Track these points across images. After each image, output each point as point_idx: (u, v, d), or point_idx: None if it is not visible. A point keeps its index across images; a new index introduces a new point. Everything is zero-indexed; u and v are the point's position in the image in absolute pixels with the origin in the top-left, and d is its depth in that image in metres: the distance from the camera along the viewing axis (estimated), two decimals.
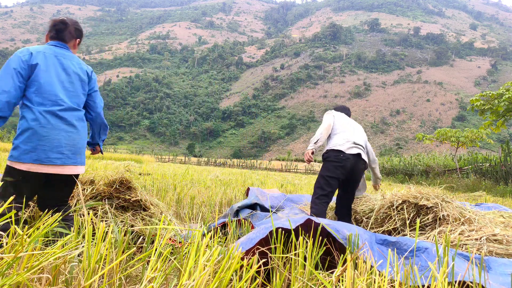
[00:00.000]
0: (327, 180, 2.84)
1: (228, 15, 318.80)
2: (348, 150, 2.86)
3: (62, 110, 1.94)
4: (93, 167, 8.47)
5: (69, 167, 1.96)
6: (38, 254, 1.13)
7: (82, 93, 2.09)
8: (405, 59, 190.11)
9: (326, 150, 2.98)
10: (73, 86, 2.03)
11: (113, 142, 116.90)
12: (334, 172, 2.83)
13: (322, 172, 2.90)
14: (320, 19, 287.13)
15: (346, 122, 3.14)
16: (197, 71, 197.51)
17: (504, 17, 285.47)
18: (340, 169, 2.83)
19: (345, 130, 3.03)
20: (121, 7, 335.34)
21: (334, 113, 3.22)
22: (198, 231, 1.32)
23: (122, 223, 2.43)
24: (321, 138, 2.96)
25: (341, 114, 3.25)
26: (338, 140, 2.94)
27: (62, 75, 2.00)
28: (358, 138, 3.02)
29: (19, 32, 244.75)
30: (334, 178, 2.84)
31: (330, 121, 3.07)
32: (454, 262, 1.42)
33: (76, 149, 1.99)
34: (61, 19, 2.11)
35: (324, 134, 2.98)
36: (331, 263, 1.80)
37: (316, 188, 2.89)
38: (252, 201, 3.65)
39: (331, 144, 2.96)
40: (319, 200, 2.82)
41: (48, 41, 2.12)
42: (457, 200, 2.94)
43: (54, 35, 2.10)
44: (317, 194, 2.85)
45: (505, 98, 11.25)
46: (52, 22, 2.13)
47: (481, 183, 11.64)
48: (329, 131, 3.02)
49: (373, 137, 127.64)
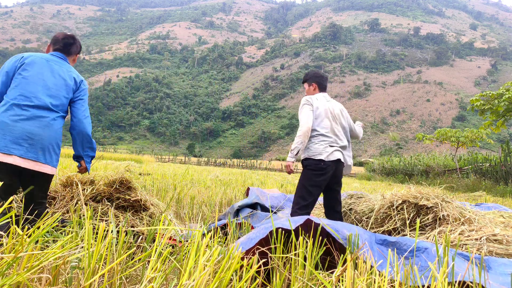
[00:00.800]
0: (309, 189, 2.72)
1: (228, 15, 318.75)
2: (329, 157, 2.74)
3: (33, 106, 2.00)
4: (93, 167, 8.47)
5: (29, 161, 1.96)
6: (38, 254, 1.13)
7: (64, 97, 2.14)
8: (405, 59, 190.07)
9: (305, 157, 2.81)
10: (56, 87, 2.10)
11: (113, 142, 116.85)
12: (315, 181, 2.72)
13: (303, 181, 2.76)
14: (320, 19, 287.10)
15: (325, 114, 2.86)
16: (197, 71, 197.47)
17: (504, 17, 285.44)
18: (321, 177, 2.73)
19: (325, 127, 2.83)
20: (121, 7, 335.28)
21: (313, 102, 2.88)
22: (198, 231, 1.32)
23: (122, 223, 2.43)
24: (301, 147, 2.77)
25: (321, 99, 2.93)
26: (317, 146, 2.77)
27: (47, 76, 2.08)
28: (339, 134, 2.90)
29: (19, 32, 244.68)
30: (316, 187, 2.73)
31: (309, 121, 2.79)
32: (454, 262, 1.41)
33: (38, 144, 1.99)
34: (71, 34, 2.30)
35: (304, 141, 2.76)
36: (331, 263, 1.79)
37: (298, 197, 2.75)
38: (252, 200, 3.65)
39: (310, 150, 2.79)
40: (301, 211, 2.70)
41: (51, 51, 2.24)
42: (457, 200, 2.94)
43: (60, 47, 2.23)
44: (298, 204, 2.72)
45: (505, 98, 11.25)
46: (61, 35, 2.27)
47: (481, 183, 11.64)
48: (309, 135, 2.79)
49: (373, 137, 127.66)
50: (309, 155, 2.79)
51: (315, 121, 2.84)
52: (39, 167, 2.00)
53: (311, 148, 2.80)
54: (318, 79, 3.06)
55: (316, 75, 3.08)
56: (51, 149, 2.07)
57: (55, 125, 2.09)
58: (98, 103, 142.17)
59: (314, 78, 3.07)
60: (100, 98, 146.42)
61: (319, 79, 3.06)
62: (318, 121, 2.84)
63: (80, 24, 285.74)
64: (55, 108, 2.09)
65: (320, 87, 3.06)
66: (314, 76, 3.08)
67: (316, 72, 3.13)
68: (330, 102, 2.98)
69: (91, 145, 2.31)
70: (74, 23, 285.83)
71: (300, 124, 2.83)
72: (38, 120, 2.00)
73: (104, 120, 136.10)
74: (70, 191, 2.66)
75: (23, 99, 1.99)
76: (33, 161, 1.97)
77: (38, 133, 1.99)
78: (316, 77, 3.07)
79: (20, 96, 1.99)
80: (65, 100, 2.15)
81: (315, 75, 3.09)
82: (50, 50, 2.26)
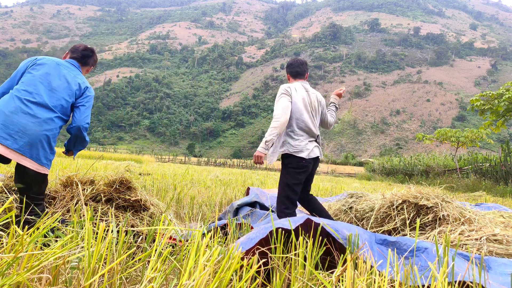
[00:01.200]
0: (293, 187, 2.69)
1: (228, 15, 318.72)
2: (310, 155, 2.73)
3: (32, 102, 2.07)
4: (93, 167, 8.47)
5: (15, 152, 1.99)
6: (38, 254, 1.13)
7: (65, 100, 2.19)
8: (405, 59, 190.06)
9: (286, 154, 2.75)
10: (59, 89, 2.17)
11: (113, 142, 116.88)
12: (298, 178, 2.71)
13: (287, 180, 2.71)
14: (320, 19, 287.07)
15: (305, 107, 2.79)
16: (197, 71, 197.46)
17: (504, 17, 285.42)
18: (303, 174, 2.73)
19: (305, 121, 2.75)
20: (121, 7, 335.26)
21: (292, 92, 2.77)
22: (198, 231, 1.32)
23: (122, 223, 2.43)
24: (275, 139, 2.66)
25: (299, 89, 2.82)
26: (298, 143, 2.72)
27: (53, 78, 2.17)
28: (316, 127, 2.85)
29: (19, 32, 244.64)
30: (299, 184, 2.72)
31: (287, 113, 2.68)
32: (454, 262, 1.42)
33: (27, 138, 2.01)
34: (91, 48, 2.48)
35: (280, 132, 2.66)
36: (331, 263, 1.80)
37: (283, 197, 2.70)
38: (252, 199, 3.65)
39: (291, 147, 2.73)
40: (288, 210, 2.67)
41: (67, 58, 2.38)
42: (457, 200, 2.94)
43: (78, 57, 2.38)
44: (285, 204, 2.68)
45: (505, 98, 11.25)
46: (82, 47, 2.43)
47: (481, 183, 11.64)
48: (285, 127, 2.70)
49: (373, 137, 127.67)
50: (290, 151, 2.73)
51: (294, 113, 2.74)
52: (21, 159, 2.02)
53: (291, 144, 2.73)
54: (289, 68, 2.99)
55: (287, 65, 3.02)
56: (40, 146, 2.07)
57: (50, 125, 2.11)
58: (98, 103, 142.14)
59: (287, 69, 3.02)
60: (100, 98, 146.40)
61: (290, 68, 2.98)
62: (298, 115, 2.75)
63: (80, 24, 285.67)
64: (54, 108, 2.13)
65: (293, 75, 2.96)
66: (287, 67, 3.03)
67: (290, 61, 3.05)
68: (308, 92, 2.87)
69: (82, 146, 2.40)
70: (74, 23, 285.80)
71: (276, 113, 2.69)
72: (34, 116, 2.05)
73: (104, 120, 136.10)
74: (70, 191, 2.66)
75: (26, 94, 2.07)
76: (17, 153, 1.99)
77: (31, 128, 2.02)
78: (288, 67, 3.00)
79: (24, 90, 2.08)
80: (65, 103, 2.18)
81: (288, 65, 3.03)
82: (67, 57, 2.38)
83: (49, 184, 2.74)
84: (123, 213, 2.61)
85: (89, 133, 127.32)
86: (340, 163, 60.72)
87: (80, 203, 2.45)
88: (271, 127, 2.65)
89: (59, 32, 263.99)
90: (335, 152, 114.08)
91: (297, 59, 3.02)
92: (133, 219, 2.57)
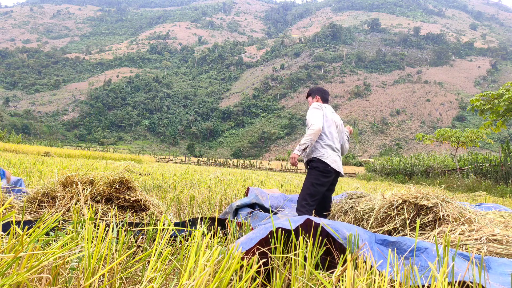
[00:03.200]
0: (316, 187, 3.00)
1: (228, 15, 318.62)
2: (333, 164, 3.03)
3: None
4: (93, 167, 8.47)
5: None
6: (38, 254, 1.13)
7: None
8: (405, 59, 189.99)
9: (313, 157, 3.06)
10: None
11: (113, 142, 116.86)
12: (322, 181, 3.01)
13: (312, 180, 3.01)
14: (320, 19, 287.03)
15: (332, 120, 3.16)
16: (197, 71, 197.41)
17: (504, 17, 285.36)
18: (326, 179, 3.04)
19: (332, 133, 3.12)
20: (121, 7, 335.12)
21: (323, 107, 3.17)
22: (198, 231, 1.32)
23: (122, 223, 2.43)
24: (310, 144, 3.00)
25: (328, 107, 3.25)
26: (324, 150, 3.05)
27: None
28: (339, 141, 3.22)
29: (19, 32, 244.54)
30: (322, 186, 3.02)
31: (321, 123, 3.04)
32: (454, 262, 1.42)
33: None
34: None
35: (314, 139, 3.00)
36: (331, 263, 1.79)
37: (306, 194, 3.00)
38: (251, 200, 3.65)
39: (318, 151, 3.05)
40: (309, 206, 2.95)
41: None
42: (457, 200, 2.94)
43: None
44: (306, 200, 2.97)
45: (505, 98, 11.25)
46: (322, 89, 3.10)
47: (481, 183, 11.64)
48: (319, 134, 3.04)
49: (373, 137, 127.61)
50: (316, 156, 3.04)
51: (324, 124, 3.09)
52: None
53: (319, 150, 3.06)
54: (321, 93, 3.37)
55: (319, 89, 3.42)
56: None
57: None
58: (98, 103, 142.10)
59: (317, 92, 3.40)
60: (100, 98, 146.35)
61: (322, 93, 3.37)
62: (326, 126, 3.10)
63: (80, 24, 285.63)
64: None
65: (322, 99, 3.36)
66: (317, 90, 3.41)
67: (319, 87, 3.46)
68: (334, 114, 3.28)
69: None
70: (74, 23, 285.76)
71: (311, 123, 3.03)
72: None
73: (104, 120, 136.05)
74: (70, 191, 2.66)
75: None
76: None
77: None
78: (319, 91, 3.41)
79: None
80: None
81: (318, 89, 3.42)
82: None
83: (49, 184, 2.74)
84: (123, 213, 2.61)
85: (89, 133, 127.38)
86: None
87: (80, 204, 2.45)
88: (308, 134, 3.00)
89: (59, 32, 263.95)
90: None
91: (325, 89, 3.48)
92: (133, 219, 2.57)
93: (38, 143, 41.31)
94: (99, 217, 2.22)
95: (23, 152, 18.92)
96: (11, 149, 19.56)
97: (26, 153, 18.47)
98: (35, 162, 8.32)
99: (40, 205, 2.56)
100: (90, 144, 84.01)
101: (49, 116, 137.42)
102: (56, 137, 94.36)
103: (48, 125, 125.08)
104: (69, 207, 2.51)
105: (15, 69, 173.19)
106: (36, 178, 4.90)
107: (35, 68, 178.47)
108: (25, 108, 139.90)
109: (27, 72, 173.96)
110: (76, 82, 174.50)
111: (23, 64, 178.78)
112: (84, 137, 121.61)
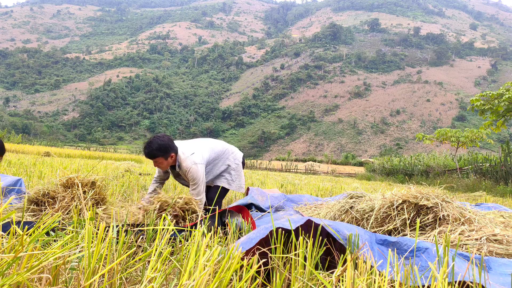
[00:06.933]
0: None
1: (228, 15, 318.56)
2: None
3: None
4: (94, 170, 8.46)
5: None
6: (38, 254, 1.13)
7: None
8: (405, 59, 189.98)
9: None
10: None
11: (113, 142, 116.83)
12: None
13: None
14: (320, 19, 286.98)
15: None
16: (197, 71, 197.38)
17: (504, 17, 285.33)
18: None
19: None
20: (121, 7, 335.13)
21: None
22: (198, 231, 1.32)
23: (122, 223, 2.43)
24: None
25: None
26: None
27: None
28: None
29: (19, 32, 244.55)
30: None
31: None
32: (454, 262, 1.41)
33: None
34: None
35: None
36: (331, 263, 1.80)
37: None
38: (248, 201, 3.63)
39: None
40: None
41: None
42: (457, 200, 2.94)
43: None
44: None
45: (505, 98, 11.26)
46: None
47: (481, 183, 11.64)
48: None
49: (373, 137, 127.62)
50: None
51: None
52: None
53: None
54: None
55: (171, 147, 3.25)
56: None
57: None
58: (98, 103, 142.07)
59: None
60: (100, 98, 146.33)
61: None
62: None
63: (80, 24, 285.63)
64: None
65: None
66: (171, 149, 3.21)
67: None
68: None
69: None
70: (74, 23, 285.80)
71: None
72: None
73: (104, 120, 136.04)
74: (71, 192, 2.66)
75: None
76: None
77: None
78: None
79: None
80: None
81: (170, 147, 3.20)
82: None
83: (49, 185, 2.74)
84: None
85: (89, 133, 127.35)
86: (340, 163, 60.67)
87: (80, 205, 2.45)
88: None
89: (59, 32, 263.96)
90: (335, 152, 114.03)
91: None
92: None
93: (38, 143, 41.33)
94: (99, 217, 2.22)
95: (23, 152, 18.92)
96: (11, 149, 19.57)
97: (26, 153, 18.47)
98: (35, 162, 8.32)
99: (40, 206, 2.56)
100: (90, 144, 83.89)
101: (49, 116, 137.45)
102: (56, 137, 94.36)
103: (48, 125, 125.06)
104: (70, 209, 2.51)
105: (15, 69, 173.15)
106: (36, 178, 4.90)
107: (35, 68, 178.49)
108: (25, 108, 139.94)
109: (27, 72, 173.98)
110: (76, 82, 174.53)
111: (23, 64, 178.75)
112: (84, 137, 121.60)
